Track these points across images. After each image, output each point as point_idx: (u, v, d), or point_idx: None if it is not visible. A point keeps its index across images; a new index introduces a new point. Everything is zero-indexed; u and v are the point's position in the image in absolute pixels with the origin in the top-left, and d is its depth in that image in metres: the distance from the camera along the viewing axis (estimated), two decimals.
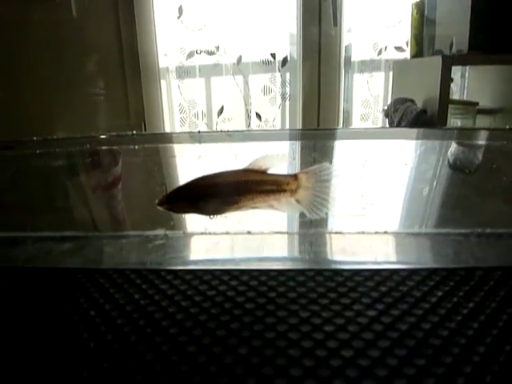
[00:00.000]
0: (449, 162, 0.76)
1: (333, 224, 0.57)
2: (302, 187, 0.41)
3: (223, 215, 0.43)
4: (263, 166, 0.41)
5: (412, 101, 0.79)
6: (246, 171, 0.41)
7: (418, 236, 0.58)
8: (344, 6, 1.07)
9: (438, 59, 0.71)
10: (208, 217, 0.46)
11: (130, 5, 0.95)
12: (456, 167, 0.73)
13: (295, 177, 0.42)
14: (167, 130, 1.11)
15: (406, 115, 0.77)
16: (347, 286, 0.35)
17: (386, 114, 0.81)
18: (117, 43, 0.97)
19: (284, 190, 0.41)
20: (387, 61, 1.07)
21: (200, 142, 0.79)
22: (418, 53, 0.84)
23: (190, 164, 0.72)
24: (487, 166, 0.75)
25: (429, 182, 0.70)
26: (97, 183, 0.75)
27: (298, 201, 0.42)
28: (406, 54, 1.12)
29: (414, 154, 0.80)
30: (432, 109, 0.75)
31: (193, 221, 0.54)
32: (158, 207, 0.42)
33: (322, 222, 0.55)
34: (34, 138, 0.74)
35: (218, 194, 0.40)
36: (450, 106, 0.76)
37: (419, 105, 0.79)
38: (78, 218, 0.54)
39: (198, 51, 1.06)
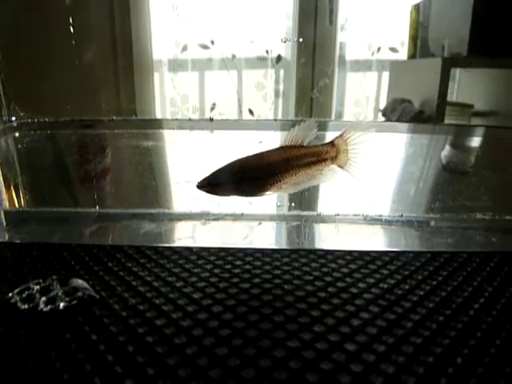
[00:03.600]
0: (442, 163, 0.78)
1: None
2: (341, 152, 0.41)
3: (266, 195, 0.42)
4: (298, 140, 0.41)
5: (409, 101, 0.80)
6: (283, 148, 0.41)
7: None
8: (339, 4, 1.07)
9: (438, 61, 0.71)
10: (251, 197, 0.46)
11: None
12: (450, 169, 0.74)
13: (332, 144, 0.41)
14: None
15: (403, 115, 0.78)
16: None
17: (384, 113, 0.82)
18: (110, 33, 0.94)
19: (325, 160, 0.41)
20: (381, 61, 1.08)
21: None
22: (415, 54, 0.85)
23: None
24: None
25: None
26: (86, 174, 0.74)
27: (340, 166, 0.42)
28: (400, 55, 1.13)
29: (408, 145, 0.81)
30: (429, 110, 0.76)
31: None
32: (199, 189, 0.41)
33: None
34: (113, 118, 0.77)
35: (260, 174, 0.41)
36: (447, 107, 0.77)
37: (416, 105, 0.80)
38: None
39: (193, 44, 1.04)
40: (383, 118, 0.85)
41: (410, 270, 0.45)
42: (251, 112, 1.17)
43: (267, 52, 1.10)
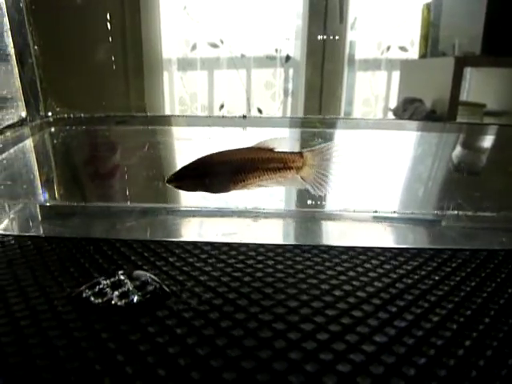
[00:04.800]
0: (453, 164, 0.77)
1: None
2: (308, 165, 0.42)
3: (230, 193, 0.43)
4: (270, 145, 0.41)
5: (421, 101, 0.80)
6: (252, 149, 0.41)
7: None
8: (350, 3, 1.06)
9: (450, 60, 0.71)
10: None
11: None
12: (461, 170, 0.73)
13: (301, 154, 0.42)
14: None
15: (415, 115, 0.78)
16: None
17: (395, 113, 0.81)
18: (120, 32, 0.94)
19: (290, 168, 0.42)
20: (390, 60, 1.08)
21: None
22: (426, 53, 0.84)
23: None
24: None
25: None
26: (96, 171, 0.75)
27: (302, 178, 0.42)
28: (410, 54, 1.12)
29: (417, 144, 0.81)
30: (441, 109, 0.75)
31: None
32: (167, 184, 0.42)
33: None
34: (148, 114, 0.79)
35: (224, 171, 0.40)
36: (459, 107, 0.77)
37: (428, 105, 0.79)
38: None
39: (203, 43, 1.04)
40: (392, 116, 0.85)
41: (429, 268, 0.45)
42: (260, 111, 1.17)
43: (276, 51, 1.10)
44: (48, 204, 0.62)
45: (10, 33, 0.70)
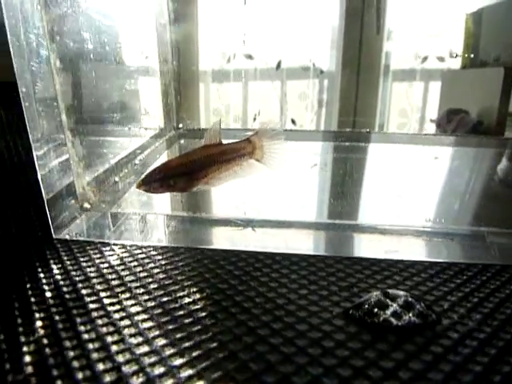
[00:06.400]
0: (498, 177, 0.75)
1: None
2: (257, 148, 0.45)
3: (194, 190, 0.45)
4: (216, 138, 0.45)
5: (466, 112, 0.78)
6: (205, 146, 0.45)
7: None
8: (387, 14, 1.06)
9: (500, 70, 0.69)
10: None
11: None
12: (507, 184, 0.71)
13: (248, 140, 0.46)
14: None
15: (460, 126, 0.76)
16: None
17: (438, 124, 0.80)
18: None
19: (243, 155, 0.45)
20: (428, 70, 1.06)
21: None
22: (470, 63, 0.83)
23: None
24: None
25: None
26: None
27: (258, 160, 0.46)
28: (448, 64, 1.10)
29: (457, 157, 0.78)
30: (488, 120, 0.73)
31: None
32: (137, 189, 0.45)
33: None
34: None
35: (185, 171, 0.44)
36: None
37: (473, 116, 0.78)
38: None
39: (238, 55, 1.05)
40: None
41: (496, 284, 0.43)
42: (294, 122, 1.17)
43: (311, 62, 1.10)
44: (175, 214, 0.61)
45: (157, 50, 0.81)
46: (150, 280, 0.43)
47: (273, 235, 0.55)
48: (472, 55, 0.85)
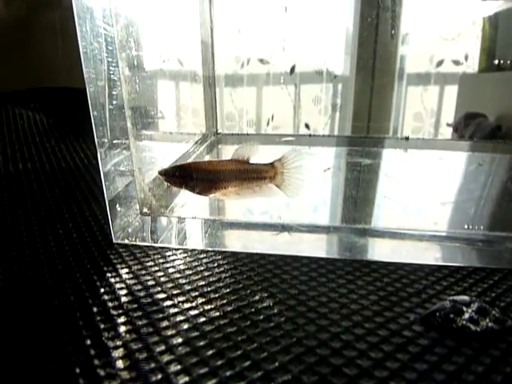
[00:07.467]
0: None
1: None
2: (279, 173, 0.47)
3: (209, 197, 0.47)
4: (245, 156, 0.47)
5: (484, 116, 0.77)
6: (231, 161, 0.47)
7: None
8: (401, 18, 1.05)
9: None
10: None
11: None
12: None
13: (272, 165, 0.48)
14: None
15: (478, 130, 0.75)
16: None
17: (455, 128, 0.79)
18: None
19: (264, 178, 0.47)
20: (444, 74, 1.05)
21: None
22: (487, 67, 0.82)
23: None
24: None
25: None
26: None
27: (277, 185, 0.47)
28: (464, 68, 1.09)
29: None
30: (507, 125, 0.73)
31: None
32: (158, 176, 0.47)
33: None
34: None
35: (206, 177, 0.47)
36: None
37: (491, 120, 0.77)
38: None
39: (252, 59, 1.06)
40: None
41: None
42: (307, 126, 1.16)
43: (325, 65, 1.10)
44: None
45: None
46: (221, 284, 0.43)
47: (315, 240, 0.55)
48: (489, 59, 0.84)
